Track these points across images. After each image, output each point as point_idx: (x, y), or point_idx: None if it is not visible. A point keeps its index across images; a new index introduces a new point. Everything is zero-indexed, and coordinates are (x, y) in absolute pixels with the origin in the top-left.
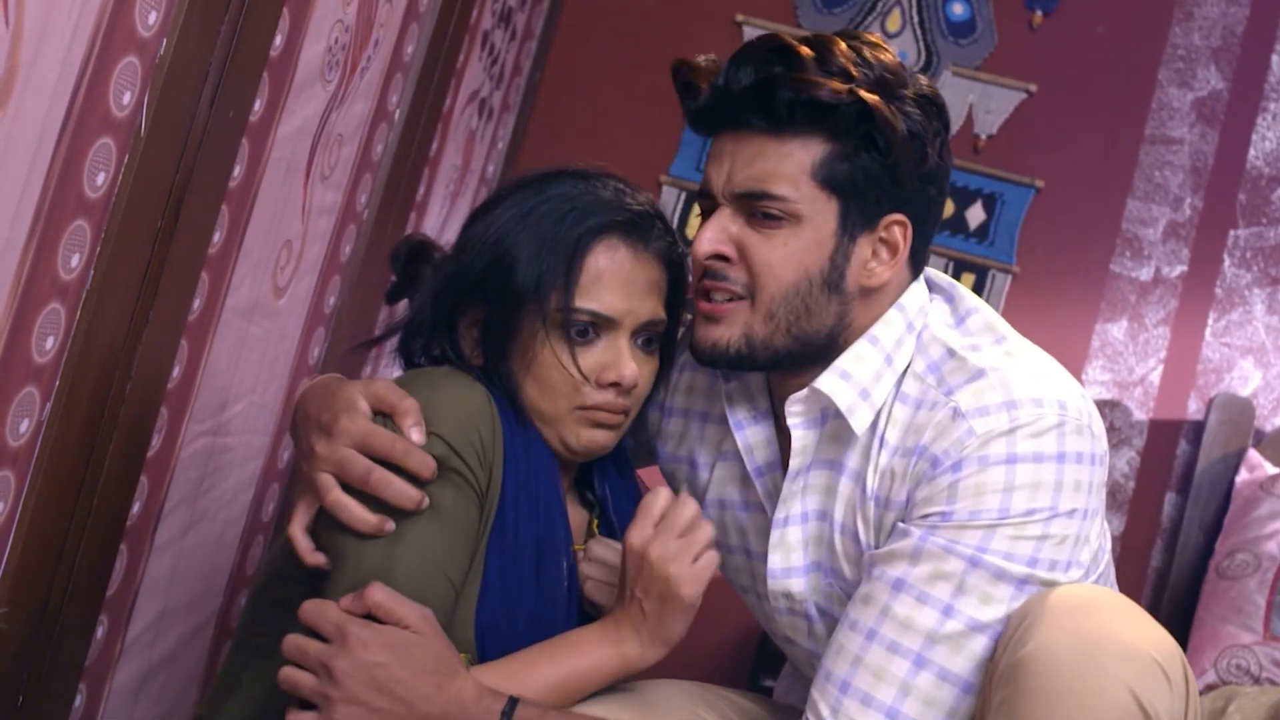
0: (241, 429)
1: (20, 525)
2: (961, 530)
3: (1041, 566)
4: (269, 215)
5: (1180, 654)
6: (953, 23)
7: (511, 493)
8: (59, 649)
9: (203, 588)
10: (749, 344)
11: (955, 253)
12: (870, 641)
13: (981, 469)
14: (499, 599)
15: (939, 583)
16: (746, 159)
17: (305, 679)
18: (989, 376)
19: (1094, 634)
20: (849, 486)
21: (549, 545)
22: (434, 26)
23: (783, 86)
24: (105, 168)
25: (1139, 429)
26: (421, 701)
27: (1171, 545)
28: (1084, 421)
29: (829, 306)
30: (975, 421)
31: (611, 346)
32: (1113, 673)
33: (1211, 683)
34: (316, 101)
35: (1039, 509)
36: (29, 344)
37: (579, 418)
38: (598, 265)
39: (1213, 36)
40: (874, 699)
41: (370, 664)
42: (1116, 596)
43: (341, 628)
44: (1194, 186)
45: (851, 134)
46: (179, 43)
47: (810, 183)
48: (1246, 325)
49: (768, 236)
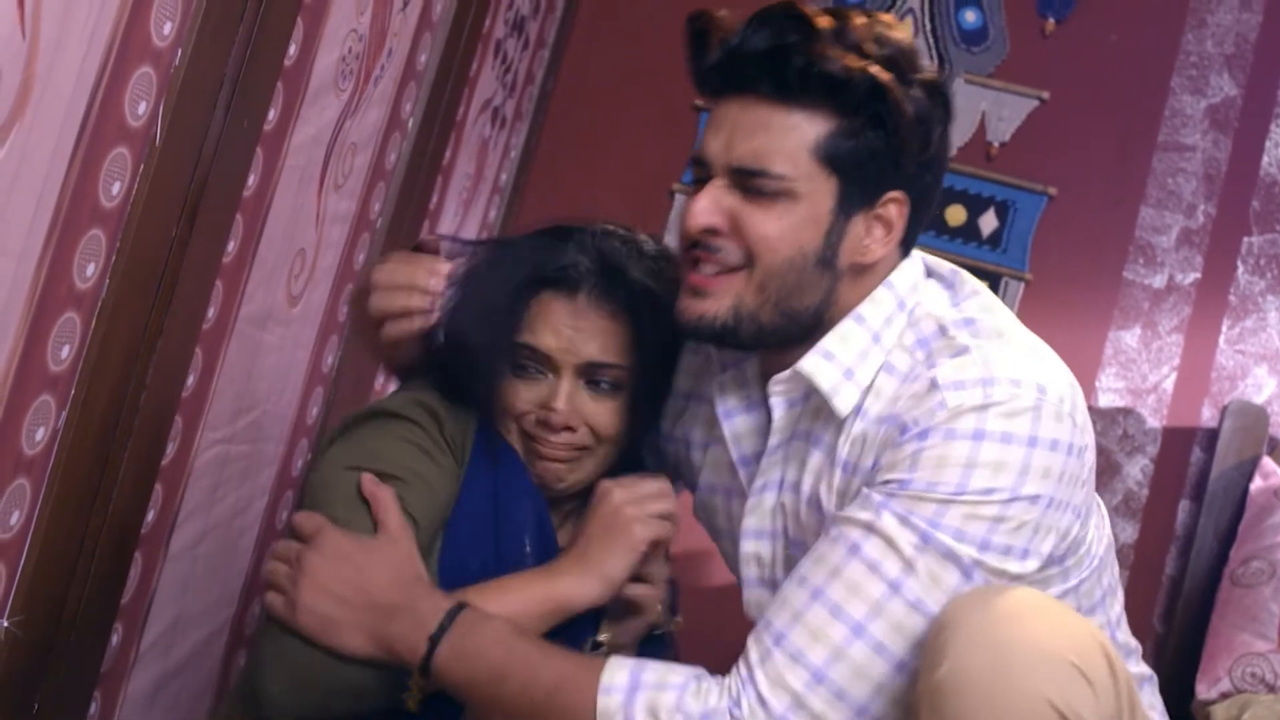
0: (256, 437)
1: (36, 533)
2: (917, 501)
3: (993, 552)
4: (283, 224)
5: (1103, 649)
6: (965, 30)
7: (476, 467)
8: (74, 656)
9: (217, 595)
10: (736, 317)
11: (968, 260)
12: (814, 600)
13: (947, 441)
14: (450, 560)
15: (891, 554)
16: (749, 130)
17: (282, 569)
18: (972, 353)
19: (1006, 644)
20: (819, 458)
21: (509, 520)
22: (447, 35)
23: (796, 54)
24: (120, 177)
25: (1153, 436)
26: (378, 591)
27: (1186, 553)
28: (1064, 409)
29: (819, 283)
30: (949, 394)
31: (553, 385)
32: (1029, 686)
33: (1226, 691)
34: (330, 110)
35: (998, 489)
36: (45, 353)
37: (527, 448)
38: (541, 309)
39: (1225, 43)
40: (805, 657)
41: (336, 556)
42: (1036, 597)
43: (319, 528)
44: (1207, 193)
45: (859, 111)
46: (194, 52)
47: (810, 160)
48: (1260, 332)
49: (763, 210)
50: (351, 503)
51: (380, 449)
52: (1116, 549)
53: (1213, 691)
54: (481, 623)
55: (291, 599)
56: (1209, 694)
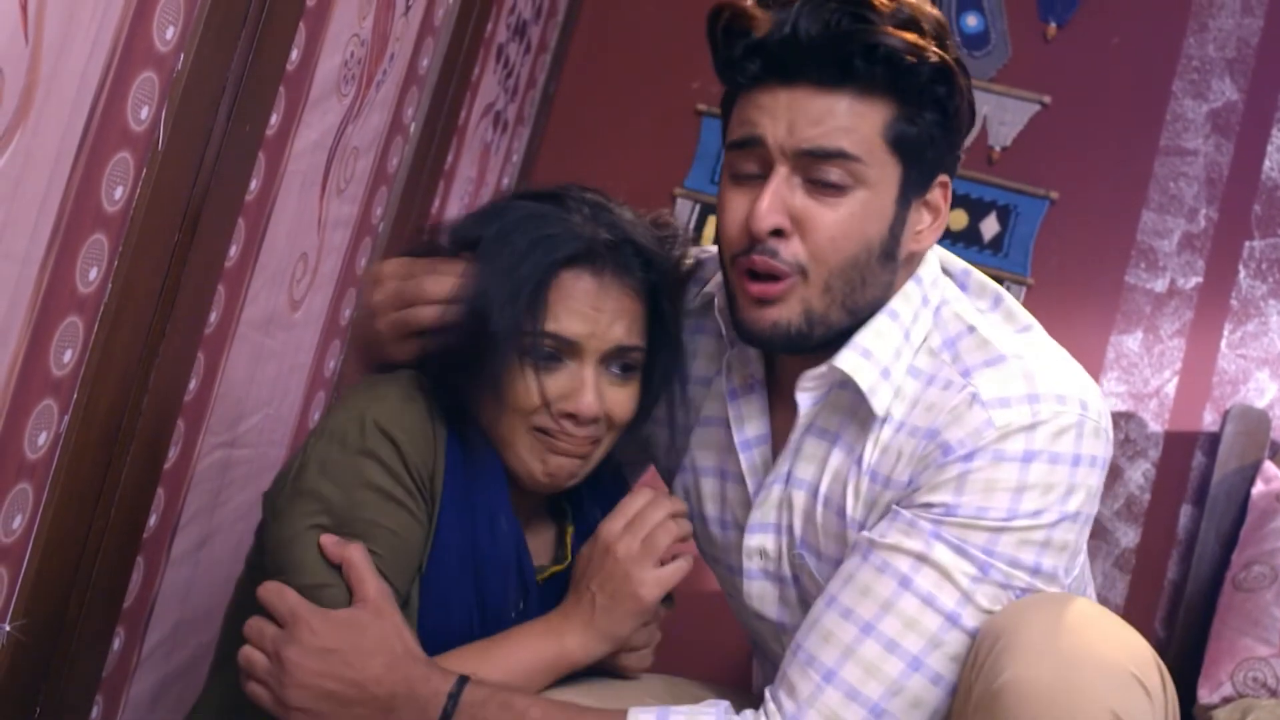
0: (258, 441)
1: (38, 537)
2: (968, 529)
3: (1043, 576)
4: (285, 228)
5: (1155, 660)
6: (967, 35)
7: (449, 512)
8: (76, 660)
9: (219, 599)
10: (809, 321)
11: (970, 264)
12: (867, 635)
13: (995, 463)
14: (432, 618)
15: (946, 586)
16: (814, 116)
17: (260, 660)
18: (1010, 364)
19: (1070, 656)
20: (840, 459)
21: (491, 565)
22: (449, 40)
23: (859, 39)
24: (123, 181)
25: (1154, 441)
26: (372, 683)
27: (1187, 558)
28: (1101, 424)
29: (881, 276)
30: (995, 412)
31: (576, 374)
32: (1092, 696)
33: (1228, 696)
34: (332, 115)
35: (1046, 510)
36: (47, 357)
37: (537, 443)
38: (561, 291)
39: (1227, 48)
40: (860, 694)
41: (319, 650)
42: (1089, 607)
43: (294, 613)
44: (1209, 198)
45: (924, 94)
46: (196, 57)
47: (881, 144)
48: (1262, 336)
49: (831, 206)
50: (318, 569)
51: (340, 500)
52: (1118, 553)
53: (1215, 696)
54: (487, 698)
55: (278, 696)
56: (1211, 699)
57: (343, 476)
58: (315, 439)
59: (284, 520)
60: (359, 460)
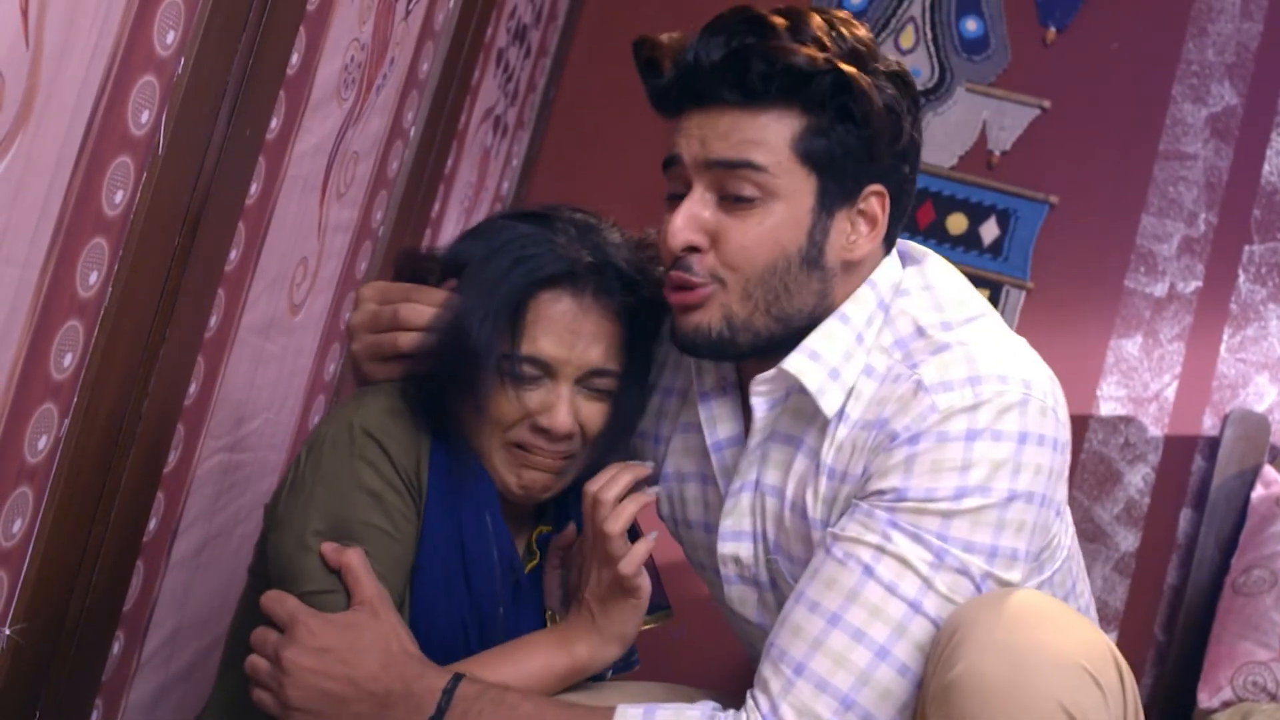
0: (257, 445)
1: (38, 541)
2: (920, 515)
3: (1000, 559)
4: (285, 232)
5: (1113, 655)
6: (966, 39)
7: (435, 510)
8: (75, 664)
9: (219, 603)
10: (730, 326)
11: (969, 269)
12: (833, 626)
13: (940, 444)
14: (424, 613)
15: (907, 574)
16: (721, 132)
17: (263, 665)
18: (954, 350)
19: (1021, 649)
20: (803, 463)
21: (478, 562)
22: (449, 44)
23: (756, 56)
24: (123, 186)
25: (1154, 445)
26: (368, 680)
27: (1187, 562)
28: (1048, 404)
29: (809, 284)
30: (938, 396)
31: (552, 391)
32: (1042, 689)
33: (1228, 700)
34: (332, 119)
35: (994, 488)
36: (48, 361)
37: (512, 457)
38: (540, 312)
39: (1227, 52)
40: (830, 685)
41: (316, 650)
42: (1049, 603)
43: (293, 616)
44: (1208, 202)
45: (827, 106)
46: (196, 61)
47: (790, 156)
48: (1262, 340)
49: (742, 218)
50: (319, 576)
51: (334, 506)
52: (1118, 558)
53: (1214, 700)
54: (480, 693)
55: (279, 698)
56: (1211, 702)
57: (336, 482)
58: (308, 449)
59: (283, 530)
60: (350, 464)
